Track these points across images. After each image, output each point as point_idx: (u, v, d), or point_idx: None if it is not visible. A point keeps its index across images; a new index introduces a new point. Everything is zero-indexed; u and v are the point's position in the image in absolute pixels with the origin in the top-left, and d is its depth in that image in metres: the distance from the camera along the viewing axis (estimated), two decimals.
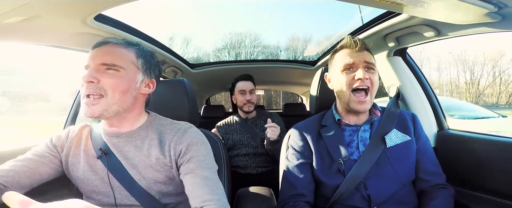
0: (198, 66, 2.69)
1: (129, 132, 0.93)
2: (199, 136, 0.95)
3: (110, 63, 0.85)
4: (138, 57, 0.92)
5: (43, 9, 0.91)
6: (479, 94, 25.34)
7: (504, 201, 1.11)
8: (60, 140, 0.95)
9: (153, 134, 0.93)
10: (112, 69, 0.85)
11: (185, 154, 0.88)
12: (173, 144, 0.90)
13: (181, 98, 1.19)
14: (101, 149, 0.91)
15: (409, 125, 1.13)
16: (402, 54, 1.59)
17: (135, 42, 0.95)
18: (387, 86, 1.67)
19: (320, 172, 1.07)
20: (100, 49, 0.88)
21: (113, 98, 0.84)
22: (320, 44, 7.48)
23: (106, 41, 0.89)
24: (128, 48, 0.91)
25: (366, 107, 1.05)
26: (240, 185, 1.59)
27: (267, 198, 1.33)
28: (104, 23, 1.21)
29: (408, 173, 1.06)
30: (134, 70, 0.90)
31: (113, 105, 0.85)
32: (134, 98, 0.91)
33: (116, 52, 0.88)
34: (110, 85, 0.84)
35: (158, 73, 1.02)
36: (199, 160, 0.87)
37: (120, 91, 0.85)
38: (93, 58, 0.86)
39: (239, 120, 2.16)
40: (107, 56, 0.86)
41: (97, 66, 0.85)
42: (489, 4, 0.85)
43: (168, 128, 0.95)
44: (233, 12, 39.37)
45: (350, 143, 1.09)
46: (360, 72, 1.02)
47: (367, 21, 1.48)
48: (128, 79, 0.88)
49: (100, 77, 0.83)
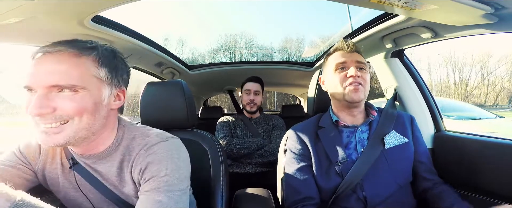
0: (196, 68, 2.69)
1: (98, 154, 0.79)
2: (168, 151, 0.78)
3: (63, 84, 0.66)
4: (99, 66, 0.73)
5: (39, 11, 0.90)
6: (467, 95, 25.74)
7: (501, 202, 1.12)
8: (31, 150, 0.83)
9: (121, 152, 0.80)
10: (69, 90, 0.67)
11: (144, 173, 0.75)
12: (135, 162, 0.78)
13: (178, 100, 1.19)
14: (72, 158, 0.81)
15: (407, 126, 1.14)
16: (400, 55, 1.59)
17: (91, 45, 0.74)
18: (384, 87, 1.67)
19: (319, 175, 1.07)
20: (44, 64, 0.66)
21: (80, 124, 0.69)
22: (316, 46, 7.50)
23: (50, 50, 0.67)
24: (82, 57, 0.70)
25: (361, 95, 1.06)
26: (239, 185, 1.59)
27: (265, 199, 1.33)
28: (101, 24, 1.20)
29: (405, 175, 1.06)
30: (97, 85, 0.72)
31: (81, 130, 0.70)
32: (104, 118, 0.75)
33: (68, 66, 0.67)
34: (72, 111, 0.67)
35: (127, 77, 0.84)
36: (156, 181, 0.72)
37: (88, 114, 0.70)
38: (37, 78, 0.65)
39: (244, 118, 2.27)
40: (57, 75, 0.65)
41: (45, 90, 0.65)
42: (486, 6, 0.86)
43: (136, 141, 0.81)
44: (228, 13, 39.54)
45: (348, 144, 1.10)
46: (352, 70, 1.05)
47: (365, 22, 1.48)
48: (93, 99, 0.70)
49: (54, 104, 0.66)
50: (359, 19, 1.57)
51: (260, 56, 13.12)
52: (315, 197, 1.06)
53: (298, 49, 21.34)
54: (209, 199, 1.08)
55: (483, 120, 5.55)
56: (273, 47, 24.97)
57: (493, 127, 4.98)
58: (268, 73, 2.86)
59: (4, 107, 2.76)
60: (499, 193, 1.12)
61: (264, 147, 2.04)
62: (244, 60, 3.17)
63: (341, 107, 1.14)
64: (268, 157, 2.03)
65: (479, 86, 25.82)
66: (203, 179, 1.10)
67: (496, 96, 25.38)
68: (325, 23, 35.52)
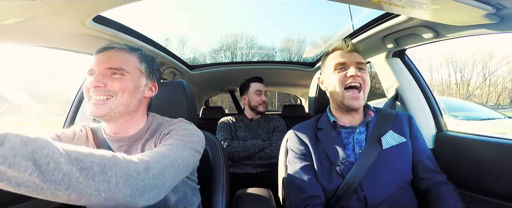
0: (197, 68, 2.69)
1: (131, 136, 0.93)
2: (190, 126, 0.94)
3: (116, 67, 0.87)
4: (141, 62, 0.94)
5: (41, 11, 0.91)
6: (469, 95, 25.63)
7: (503, 202, 1.11)
8: (66, 135, 0.95)
9: (152, 135, 0.94)
10: (118, 73, 0.87)
11: (166, 135, 0.88)
12: (160, 131, 0.92)
13: (180, 100, 1.19)
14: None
15: (405, 126, 1.14)
16: (401, 55, 1.59)
17: (137, 47, 0.97)
18: (385, 87, 1.67)
19: (320, 176, 1.07)
20: (104, 55, 0.89)
21: (121, 99, 0.86)
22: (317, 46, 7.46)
23: (110, 47, 0.90)
24: (131, 53, 0.93)
25: (360, 103, 1.06)
26: (239, 186, 1.58)
27: (266, 199, 1.33)
28: (103, 24, 1.21)
29: (404, 175, 1.06)
30: (138, 74, 0.92)
31: (120, 105, 0.86)
32: (139, 101, 0.93)
33: (120, 57, 0.89)
34: (118, 88, 0.86)
35: (159, 77, 1.05)
36: (175, 138, 0.85)
37: (128, 93, 0.87)
38: (98, 63, 0.87)
39: (245, 119, 2.25)
40: (112, 61, 0.87)
41: (103, 71, 0.86)
42: (488, 6, 0.86)
43: (163, 125, 0.96)
44: (229, 13, 39.46)
45: (346, 145, 1.10)
46: (352, 70, 1.05)
47: (366, 22, 1.48)
48: (134, 83, 0.90)
49: (107, 82, 0.85)
50: (360, 20, 1.57)
51: (261, 56, 13.12)
52: (321, 196, 1.06)
53: (299, 49, 21.34)
54: (210, 199, 1.08)
55: (491, 120, 5.28)
56: (274, 47, 24.99)
57: (503, 128, 4.79)
58: (269, 73, 2.86)
59: (6, 107, 2.77)
60: (501, 193, 1.12)
61: (264, 149, 2.03)
62: (246, 60, 3.17)
63: (339, 108, 1.14)
64: (269, 160, 2.03)
65: (481, 86, 25.74)
66: (204, 179, 1.10)
67: (497, 96, 25.27)
68: (327, 23, 35.49)
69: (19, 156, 0.43)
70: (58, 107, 7.18)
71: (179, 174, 0.74)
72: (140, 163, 0.61)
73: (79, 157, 0.50)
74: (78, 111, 1.62)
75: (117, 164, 0.56)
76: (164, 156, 0.71)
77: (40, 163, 0.45)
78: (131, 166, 0.59)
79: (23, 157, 0.43)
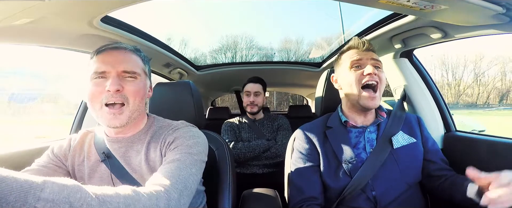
0: (204, 68, 2.70)
1: (130, 137, 0.92)
2: (190, 131, 0.92)
3: (131, 70, 0.86)
4: (145, 63, 0.94)
5: (50, 11, 0.92)
6: (460, 95, 26.60)
7: None
8: (62, 150, 0.95)
9: (151, 136, 0.93)
10: (132, 76, 0.86)
11: (171, 144, 0.86)
12: (164, 138, 0.90)
13: (186, 100, 1.20)
14: (104, 152, 0.91)
15: (415, 127, 1.13)
16: (409, 56, 1.58)
17: (138, 48, 0.96)
18: (393, 88, 1.66)
19: (327, 176, 1.07)
20: (116, 56, 0.86)
21: (134, 106, 0.86)
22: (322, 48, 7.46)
23: (117, 47, 0.89)
24: (137, 55, 0.92)
25: (376, 103, 1.05)
26: (245, 186, 1.59)
27: (272, 199, 1.33)
28: (110, 25, 1.22)
29: (414, 175, 1.05)
30: (144, 76, 0.92)
31: (135, 111, 0.86)
32: (144, 104, 0.92)
33: (131, 58, 0.89)
34: (132, 93, 0.85)
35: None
36: (178, 149, 0.83)
37: (140, 97, 0.87)
38: (112, 65, 0.84)
39: (248, 120, 2.24)
40: (126, 63, 0.86)
41: (119, 73, 0.84)
42: (497, 6, 0.84)
43: (164, 128, 0.95)
44: (228, 14, 39.36)
45: (357, 144, 1.09)
46: (369, 67, 1.03)
47: (372, 23, 1.47)
48: (143, 86, 0.90)
49: (124, 85, 0.84)
50: (367, 20, 1.56)
51: (260, 56, 13.22)
52: (318, 198, 1.06)
53: (297, 49, 21.38)
54: (216, 200, 1.08)
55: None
56: (272, 47, 25.10)
57: None
58: (275, 73, 2.86)
59: (16, 107, 2.81)
60: None
61: (270, 148, 2.03)
62: (252, 61, 3.16)
63: (353, 108, 1.12)
64: (275, 159, 2.03)
65: (472, 86, 26.63)
66: (210, 179, 1.10)
67: (487, 96, 26.24)
68: (331, 24, 35.35)
69: (57, 200, 0.47)
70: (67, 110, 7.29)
71: (191, 194, 0.76)
72: (160, 198, 0.64)
73: (106, 199, 0.55)
74: (84, 116, 1.64)
75: (141, 201, 0.60)
76: (177, 180, 0.72)
77: (75, 205, 0.49)
78: (152, 202, 0.62)
79: (61, 201, 0.47)
